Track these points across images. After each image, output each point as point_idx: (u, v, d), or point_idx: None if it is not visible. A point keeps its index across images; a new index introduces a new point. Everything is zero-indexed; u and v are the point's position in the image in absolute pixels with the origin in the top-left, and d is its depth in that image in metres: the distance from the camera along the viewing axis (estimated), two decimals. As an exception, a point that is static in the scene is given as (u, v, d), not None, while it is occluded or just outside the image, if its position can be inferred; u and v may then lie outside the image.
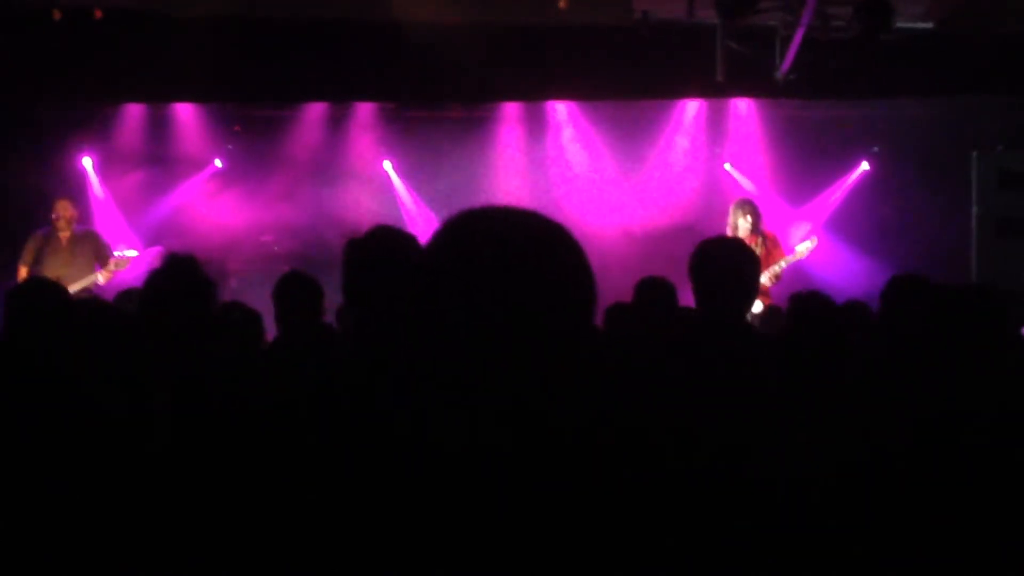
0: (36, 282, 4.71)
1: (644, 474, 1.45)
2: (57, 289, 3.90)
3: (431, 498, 1.39)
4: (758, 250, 8.67)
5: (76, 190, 11.00)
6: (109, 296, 7.37)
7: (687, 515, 1.43)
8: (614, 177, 12.12)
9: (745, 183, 11.96)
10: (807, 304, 5.34)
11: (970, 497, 2.50)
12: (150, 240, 10.99)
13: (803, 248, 9.43)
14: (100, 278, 9.14)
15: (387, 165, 12.32)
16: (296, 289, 5.11)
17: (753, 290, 3.64)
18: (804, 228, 11.60)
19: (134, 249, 9.72)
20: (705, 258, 3.61)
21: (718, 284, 3.52)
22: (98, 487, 1.82)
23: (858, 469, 2.62)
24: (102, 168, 11.73)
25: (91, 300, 6.58)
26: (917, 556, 2.45)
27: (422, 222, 12.04)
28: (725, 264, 3.57)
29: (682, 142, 12.07)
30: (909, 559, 2.45)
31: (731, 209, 9.41)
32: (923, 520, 2.49)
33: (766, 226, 9.59)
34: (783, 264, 9.23)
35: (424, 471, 1.41)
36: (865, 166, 12.00)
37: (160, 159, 11.82)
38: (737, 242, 4.03)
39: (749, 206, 9.37)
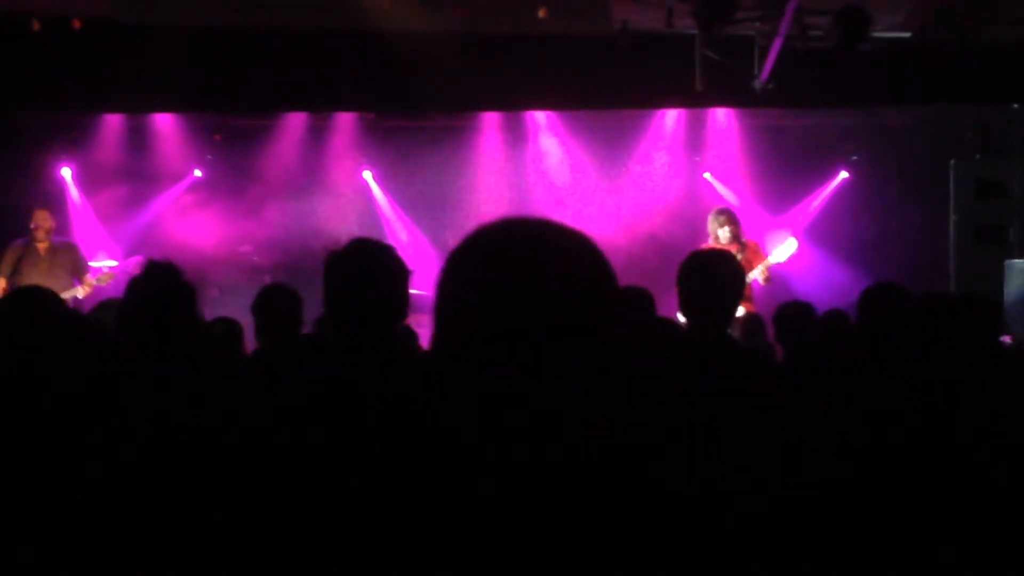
0: (30, 290, 4.66)
1: (660, 483, 1.45)
2: (52, 297, 3.88)
3: (436, 506, 1.38)
4: (739, 258, 8.67)
5: (55, 200, 10.95)
6: (88, 308, 7.33)
7: (686, 521, 1.43)
8: (594, 186, 12.15)
9: (724, 192, 12.00)
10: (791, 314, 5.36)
11: (962, 501, 2.52)
12: (130, 250, 10.93)
13: (783, 251, 9.41)
14: (79, 292, 9.06)
15: (367, 175, 12.31)
16: (276, 301, 5.10)
17: (737, 302, 3.65)
18: (783, 236, 11.65)
19: (114, 259, 9.66)
20: (694, 269, 3.61)
21: (705, 296, 3.53)
22: (76, 496, 1.81)
23: (850, 476, 2.63)
24: (81, 178, 11.68)
25: (70, 312, 6.54)
26: (907, 559, 2.47)
27: (402, 231, 12.04)
28: (714, 276, 3.58)
29: (661, 151, 12.11)
30: (900, 563, 2.47)
31: (710, 219, 9.43)
32: (917, 523, 2.51)
33: (746, 234, 9.60)
34: (767, 264, 9.20)
35: (430, 474, 1.40)
36: (844, 175, 12.07)
37: (139, 169, 11.77)
38: (726, 254, 4.05)
39: (727, 215, 9.40)
